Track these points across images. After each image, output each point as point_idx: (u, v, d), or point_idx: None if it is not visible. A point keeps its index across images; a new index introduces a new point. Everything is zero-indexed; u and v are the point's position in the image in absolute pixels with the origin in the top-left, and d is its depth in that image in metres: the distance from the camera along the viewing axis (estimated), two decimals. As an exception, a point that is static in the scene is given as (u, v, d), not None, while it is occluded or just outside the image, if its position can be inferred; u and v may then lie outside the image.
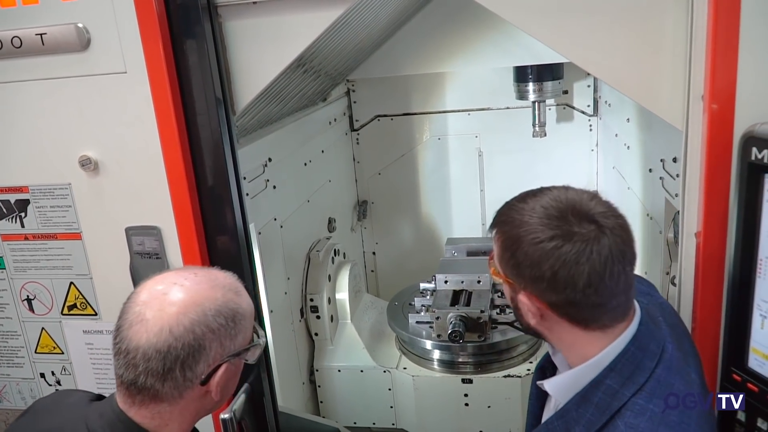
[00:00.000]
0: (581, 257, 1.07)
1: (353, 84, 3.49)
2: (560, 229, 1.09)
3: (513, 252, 1.13)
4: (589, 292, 1.08)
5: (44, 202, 1.76)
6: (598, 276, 1.08)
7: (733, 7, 1.33)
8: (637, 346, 1.15)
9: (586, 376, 1.17)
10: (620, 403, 1.11)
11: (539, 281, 1.11)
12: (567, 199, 1.13)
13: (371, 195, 3.68)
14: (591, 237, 1.08)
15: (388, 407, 2.70)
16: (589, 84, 3.28)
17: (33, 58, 1.64)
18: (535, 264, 1.10)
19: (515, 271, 1.14)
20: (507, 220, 1.16)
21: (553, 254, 1.08)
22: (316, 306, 2.68)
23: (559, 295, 1.10)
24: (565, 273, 1.08)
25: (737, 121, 1.38)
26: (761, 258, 1.30)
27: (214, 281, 1.19)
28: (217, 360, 1.15)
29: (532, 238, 1.10)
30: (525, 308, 1.18)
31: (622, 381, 1.13)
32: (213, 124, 1.67)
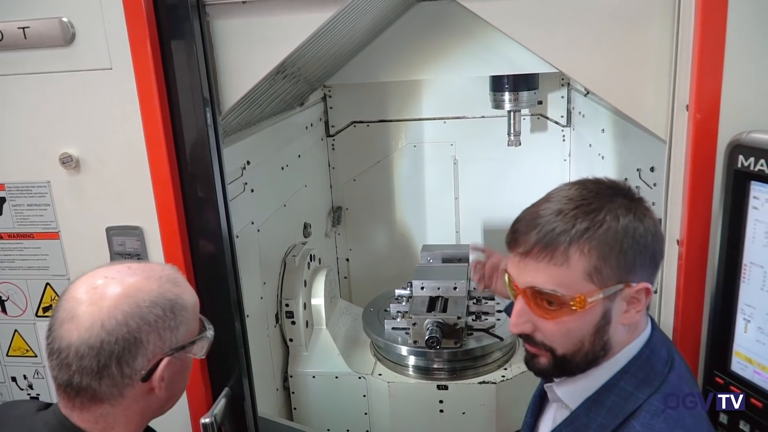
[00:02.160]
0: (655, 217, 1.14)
1: (330, 89, 3.49)
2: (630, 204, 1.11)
3: (630, 242, 1.08)
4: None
5: (21, 200, 1.71)
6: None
7: (719, 18, 1.37)
8: (651, 350, 1.15)
9: (598, 379, 1.16)
10: (635, 405, 1.11)
11: (657, 254, 1.12)
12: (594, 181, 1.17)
13: (346, 201, 3.67)
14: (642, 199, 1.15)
15: (362, 414, 2.69)
16: (563, 95, 3.34)
17: (15, 52, 1.61)
18: (655, 237, 1.11)
19: (632, 264, 1.09)
20: (582, 227, 1.08)
21: (653, 216, 1.12)
22: (292, 311, 2.66)
23: (660, 259, 1.14)
24: (660, 229, 1.13)
25: (721, 131, 1.42)
26: (746, 263, 1.34)
27: (149, 273, 1.16)
28: (157, 354, 1.12)
29: (638, 216, 1.09)
30: (621, 311, 1.12)
31: (636, 383, 1.12)
32: (199, 124, 1.65)
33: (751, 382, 1.37)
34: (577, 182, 1.17)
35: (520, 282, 1.14)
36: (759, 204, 1.31)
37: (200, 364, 1.76)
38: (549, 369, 1.18)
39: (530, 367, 1.22)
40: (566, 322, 1.11)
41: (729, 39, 1.37)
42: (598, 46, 1.57)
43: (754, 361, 1.36)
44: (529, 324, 1.15)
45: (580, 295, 1.08)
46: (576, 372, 1.18)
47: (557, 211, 1.10)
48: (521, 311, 1.15)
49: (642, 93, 1.58)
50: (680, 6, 1.47)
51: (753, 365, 1.36)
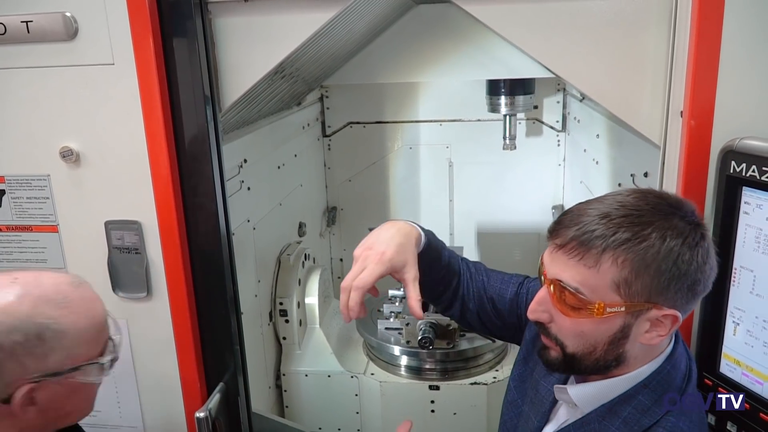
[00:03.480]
0: (710, 248, 1.08)
1: (327, 90, 3.50)
2: (689, 231, 1.06)
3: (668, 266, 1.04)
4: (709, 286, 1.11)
5: (20, 193, 1.72)
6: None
7: (715, 26, 1.39)
8: (672, 364, 1.15)
9: (616, 389, 1.15)
10: (651, 420, 1.11)
11: (697, 284, 1.07)
12: (655, 194, 1.11)
13: (341, 201, 3.69)
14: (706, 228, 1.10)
15: (354, 413, 2.70)
16: (559, 100, 3.37)
17: (17, 46, 1.61)
18: (699, 267, 1.05)
19: (665, 286, 1.05)
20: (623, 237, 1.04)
21: (709, 252, 1.07)
22: (286, 310, 2.67)
23: (703, 294, 1.10)
24: (715, 269, 1.09)
25: (714, 137, 1.44)
26: (736, 267, 1.36)
27: (30, 290, 1.08)
28: (18, 380, 1.06)
29: (689, 242, 1.04)
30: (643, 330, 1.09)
31: (654, 398, 1.12)
32: (199, 121, 1.66)
33: (740, 384, 1.39)
34: (638, 190, 1.13)
35: (549, 272, 1.13)
36: (750, 209, 1.33)
37: (195, 359, 1.77)
38: (558, 364, 1.18)
39: (540, 356, 1.22)
40: (582, 323, 1.10)
41: (724, 47, 1.40)
42: (595, 51, 1.60)
43: (742, 364, 1.38)
44: (547, 314, 1.15)
45: (601, 303, 1.07)
46: (584, 372, 1.18)
47: (605, 213, 1.07)
48: (542, 300, 1.15)
49: (637, 99, 1.60)
50: (677, 13, 1.49)
51: (741, 367, 1.39)
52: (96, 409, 1.82)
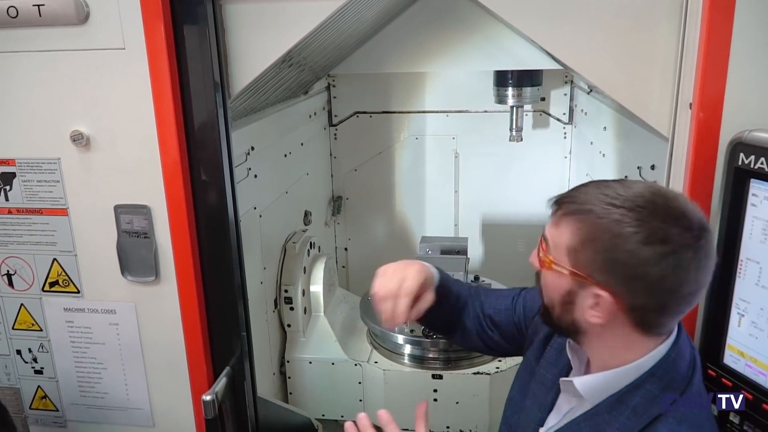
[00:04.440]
0: (691, 265, 1.03)
1: (334, 79, 3.50)
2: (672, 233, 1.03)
3: (607, 247, 1.05)
4: (690, 299, 1.08)
5: (31, 176, 1.73)
6: (698, 286, 1.06)
7: (726, 19, 1.40)
8: (677, 352, 1.15)
9: (623, 379, 1.16)
10: (660, 409, 1.12)
11: (637, 281, 1.05)
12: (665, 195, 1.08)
13: (346, 191, 3.69)
14: (702, 246, 1.04)
15: (357, 400, 2.72)
16: (566, 92, 3.37)
17: (29, 30, 1.62)
18: (640, 264, 1.03)
19: (603, 266, 1.07)
20: (593, 210, 1.08)
21: (665, 259, 1.02)
22: (291, 297, 2.68)
23: (651, 299, 1.07)
24: (674, 280, 1.04)
25: (723, 129, 1.45)
26: (742, 259, 1.37)
27: None
28: None
29: (639, 237, 1.03)
30: (587, 304, 1.11)
31: (662, 386, 1.13)
32: (209, 107, 1.67)
33: (743, 375, 1.40)
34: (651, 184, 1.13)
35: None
36: (757, 201, 1.34)
37: (203, 342, 1.79)
38: (543, 313, 1.26)
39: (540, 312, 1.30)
40: (546, 275, 1.20)
41: (735, 39, 1.40)
42: (604, 42, 1.60)
43: (746, 355, 1.39)
44: (535, 261, 1.23)
45: (551, 258, 1.15)
46: (558, 330, 1.26)
47: (597, 186, 1.12)
48: (537, 246, 1.23)
49: (647, 90, 1.61)
50: (687, 5, 1.49)
51: (745, 359, 1.40)
52: (104, 391, 1.88)
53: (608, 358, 1.18)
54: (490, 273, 2.97)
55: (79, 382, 1.91)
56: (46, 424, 1.98)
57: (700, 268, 1.05)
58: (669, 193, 1.10)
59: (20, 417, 1.98)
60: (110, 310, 1.82)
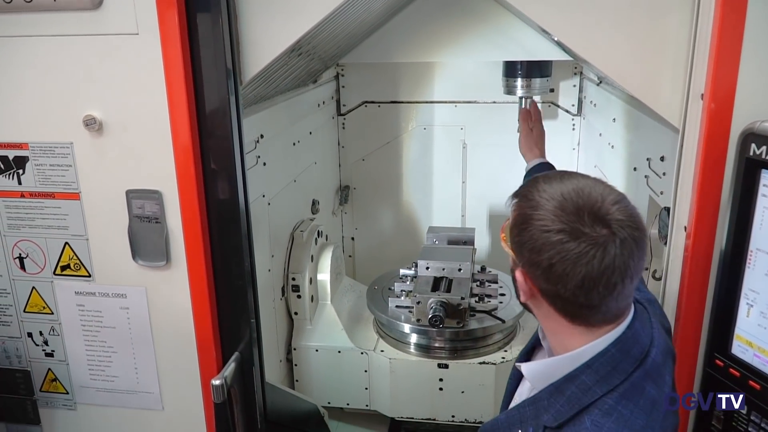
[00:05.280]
0: (581, 259, 1.07)
1: (343, 68, 3.50)
2: (570, 225, 1.09)
3: (520, 230, 1.15)
4: (578, 293, 1.10)
5: (44, 160, 1.74)
6: (592, 281, 1.08)
7: (739, 9, 1.39)
8: (618, 348, 1.16)
9: (562, 368, 1.19)
10: (590, 399, 1.14)
11: (535, 266, 1.13)
12: (590, 195, 1.11)
13: (354, 180, 3.70)
14: (599, 242, 1.07)
15: (363, 389, 2.74)
16: (575, 84, 3.36)
17: (43, 14, 1.62)
18: (535, 249, 1.11)
19: (518, 248, 1.17)
20: (527, 196, 1.17)
21: (555, 247, 1.09)
22: (298, 285, 2.70)
23: (549, 285, 1.13)
24: (561, 268, 1.09)
25: (734, 120, 1.45)
26: (752, 249, 1.37)
27: None
28: None
29: (541, 224, 1.11)
30: (519, 284, 1.21)
31: (596, 379, 1.15)
32: (221, 93, 1.68)
33: (751, 365, 1.41)
34: (599, 180, 1.17)
35: None
36: (768, 192, 1.35)
37: (212, 327, 1.80)
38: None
39: None
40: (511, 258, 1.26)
41: (747, 30, 1.40)
42: (616, 32, 1.60)
43: (754, 345, 1.40)
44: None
45: (503, 235, 1.28)
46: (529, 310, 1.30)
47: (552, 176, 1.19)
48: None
49: (658, 81, 1.61)
50: (700, -5, 1.49)
51: (753, 348, 1.40)
52: (113, 374, 1.89)
53: (555, 346, 1.24)
54: (496, 264, 2.98)
55: (90, 365, 1.92)
56: (56, 407, 2.00)
57: (588, 264, 1.07)
58: (594, 190, 1.13)
59: (30, 399, 2.00)
60: (121, 294, 1.83)
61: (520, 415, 1.25)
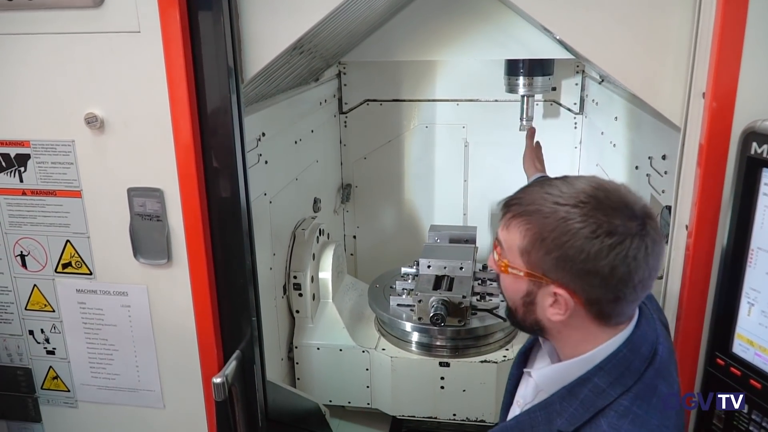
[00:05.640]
0: (638, 255, 1.06)
1: (345, 67, 3.51)
2: (617, 225, 1.06)
3: (555, 245, 1.08)
4: (628, 292, 1.09)
5: (45, 158, 1.74)
6: (646, 277, 1.08)
7: (741, 7, 1.39)
8: (629, 348, 1.16)
9: (575, 371, 1.18)
10: (605, 402, 1.13)
11: (590, 276, 1.07)
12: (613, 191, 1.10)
13: (355, 179, 3.70)
14: (642, 237, 1.06)
15: (364, 387, 2.74)
16: (577, 82, 3.36)
17: (45, 12, 1.62)
18: (590, 258, 1.06)
19: (555, 264, 1.09)
20: (539, 210, 1.11)
21: (614, 249, 1.05)
22: (299, 283, 2.70)
23: (607, 291, 1.09)
24: (624, 270, 1.06)
25: (736, 118, 1.44)
26: (753, 248, 1.37)
27: None
28: None
29: (587, 231, 1.06)
30: (547, 303, 1.14)
31: (609, 381, 1.14)
32: (222, 92, 1.67)
33: (752, 364, 1.41)
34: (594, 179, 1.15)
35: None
36: (770, 190, 1.34)
37: (213, 325, 1.81)
38: (509, 316, 1.28)
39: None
40: (504, 279, 1.21)
41: (749, 28, 1.40)
42: (618, 30, 1.59)
43: (755, 344, 1.40)
44: (495, 266, 1.23)
45: (506, 262, 1.17)
46: (525, 330, 1.26)
47: (541, 186, 1.15)
48: (492, 250, 1.25)
49: (659, 79, 1.60)
50: (702, -6, 1.49)
51: (754, 347, 1.40)
52: (115, 372, 1.90)
53: (567, 350, 1.21)
54: (498, 262, 2.97)
55: (91, 363, 1.93)
56: (57, 405, 2.01)
57: (648, 254, 1.08)
58: (609, 185, 1.13)
59: (31, 397, 2.01)
60: (122, 292, 1.83)
61: (530, 420, 1.23)
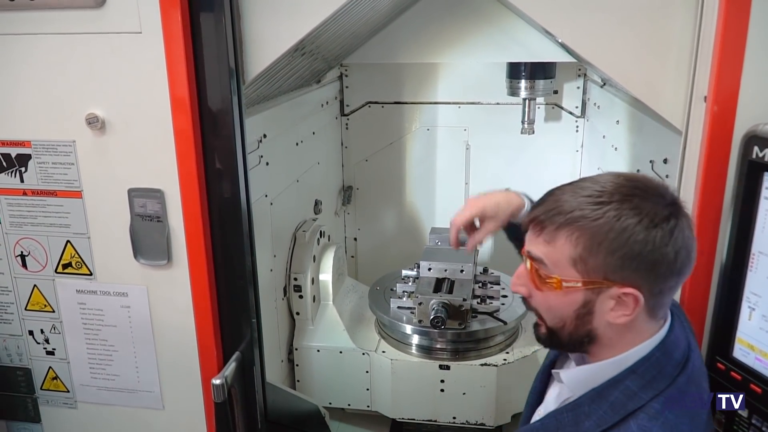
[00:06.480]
0: (689, 231, 1.09)
1: (346, 69, 3.51)
2: (665, 212, 1.06)
3: (617, 246, 1.06)
4: (692, 267, 1.11)
5: (46, 158, 1.74)
6: (695, 248, 1.11)
7: (743, 11, 1.39)
8: (662, 351, 1.15)
9: (605, 374, 1.17)
10: (636, 405, 1.12)
11: (657, 265, 1.07)
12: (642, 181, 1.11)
13: (357, 181, 3.70)
14: (684, 213, 1.09)
15: (364, 390, 2.73)
16: (579, 86, 3.36)
17: (47, 12, 1.62)
18: (656, 249, 1.05)
19: (620, 263, 1.07)
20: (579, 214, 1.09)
21: (672, 234, 1.06)
22: (300, 285, 2.70)
23: (670, 277, 1.09)
24: (685, 254, 1.08)
25: (737, 122, 1.44)
26: (754, 252, 1.37)
27: None
28: None
29: (645, 222, 1.05)
30: (607, 308, 1.12)
31: (641, 384, 1.13)
32: (224, 93, 1.68)
33: (752, 369, 1.40)
34: (614, 173, 1.15)
35: (526, 248, 1.19)
36: (771, 195, 1.34)
37: (213, 327, 1.80)
38: (545, 338, 1.23)
39: (534, 332, 1.27)
40: (549, 297, 1.16)
41: (751, 32, 1.39)
42: (620, 33, 1.60)
43: (756, 348, 1.39)
44: (525, 288, 1.21)
45: (557, 277, 1.12)
46: (565, 348, 1.24)
47: (571, 191, 1.12)
48: (520, 274, 1.22)
49: (661, 83, 1.60)
50: (704, -2, 1.49)
51: (755, 352, 1.40)
52: (114, 373, 1.89)
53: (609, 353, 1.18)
54: (499, 265, 2.98)
55: (90, 363, 1.93)
56: (57, 405, 2.01)
57: (692, 231, 1.10)
58: (636, 176, 1.14)
59: (31, 397, 2.00)
60: (122, 292, 1.83)
61: (557, 422, 1.21)
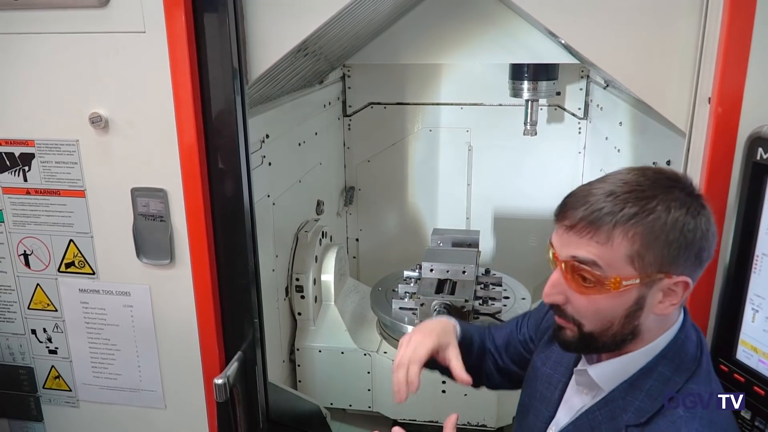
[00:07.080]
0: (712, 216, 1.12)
1: (349, 69, 3.51)
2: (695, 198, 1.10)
3: (675, 235, 1.07)
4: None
5: (49, 158, 1.74)
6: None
7: (747, 13, 1.39)
8: (685, 334, 1.17)
9: (635, 364, 1.17)
10: (674, 389, 1.13)
11: (703, 251, 1.09)
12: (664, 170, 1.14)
13: (359, 181, 3.70)
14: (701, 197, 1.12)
15: (365, 390, 2.73)
16: (582, 87, 3.35)
17: (50, 11, 1.63)
18: (704, 234, 1.08)
19: (676, 254, 1.08)
20: (631, 211, 1.07)
21: (710, 219, 1.10)
22: (302, 286, 2.70)
23: (708, 260, 1.12)
24: (714, 234, 1.11)
25: (742, 124, 1.44)
26: (758, 254, 1.37)
27: None
28: None
29: (693, 210, 1.08)
30: (656, 300, 1.11)
31: (674, 368, 1.14)
32: (227, 93, 1.68)
33: (756, 371, 1.40)
34: (637, 168, 1.15)
35: (561, 253, 1.15)
36: (775, 197, 1.34)
37: (215, 326, 1.80)
38: (574, 343, 1.19)
39: (556, 338, 1.23)
40: (598, 300, 1.12)
41: (755, 34, 1.40)
42: (624, 35, 1.59)
43: (759, 350, 1.39)
44: (562, 296, 1.16)
45: (617, 277, 1.09)
46: (600, 350, 1.20)
47: (609, 191, 1.10)
48: (556, 282, 1.17)
49: (665, 84, 1.60)
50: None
51: (758, 354, 1.39)
52: (116, 372, 1.89)
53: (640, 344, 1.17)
54: (501, 267, 2.98)
55: (93, 362, 1.93)
56: (59, 404, 2.01)
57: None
58: (656, 168, 1.15)
59: (33, 396, 2.01)
60: (125, 292, 1.83)
61: (590, 422, 1.20)
